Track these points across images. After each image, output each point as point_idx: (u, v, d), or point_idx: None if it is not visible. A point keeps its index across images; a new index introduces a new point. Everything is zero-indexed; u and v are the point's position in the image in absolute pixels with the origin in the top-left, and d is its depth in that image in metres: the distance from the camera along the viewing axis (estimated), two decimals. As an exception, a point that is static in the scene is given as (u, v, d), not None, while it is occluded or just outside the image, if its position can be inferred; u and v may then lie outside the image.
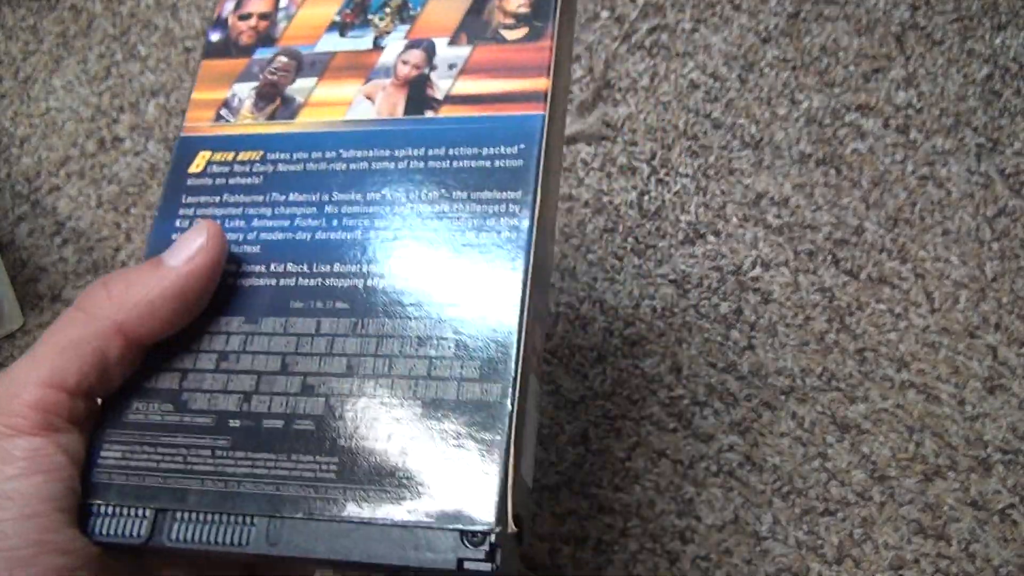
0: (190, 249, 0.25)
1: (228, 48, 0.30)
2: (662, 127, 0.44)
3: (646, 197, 0.43)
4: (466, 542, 0.22)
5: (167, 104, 0.46)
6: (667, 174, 0.43)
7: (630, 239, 0.43)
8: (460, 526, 0.22)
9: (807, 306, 0.41)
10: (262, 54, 0.30)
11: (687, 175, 0.43)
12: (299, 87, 0.29)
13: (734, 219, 0.42)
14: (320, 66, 0.29)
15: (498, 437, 0.23)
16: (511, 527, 0.22)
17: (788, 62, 0.44)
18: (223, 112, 0.29)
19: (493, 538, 0.22)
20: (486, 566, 0.22)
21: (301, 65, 0.29)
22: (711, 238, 0.42)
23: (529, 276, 0.25)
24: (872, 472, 0.38)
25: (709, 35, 0.45)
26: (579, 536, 0.38)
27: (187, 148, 0.29)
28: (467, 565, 0.22)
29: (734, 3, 0.45)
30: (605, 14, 0.46)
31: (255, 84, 0.29)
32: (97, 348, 0.24)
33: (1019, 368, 0.39)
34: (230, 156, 0.28)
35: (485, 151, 0.27)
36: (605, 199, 0.43)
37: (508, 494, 0.22)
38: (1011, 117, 0.42)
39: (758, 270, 0.41)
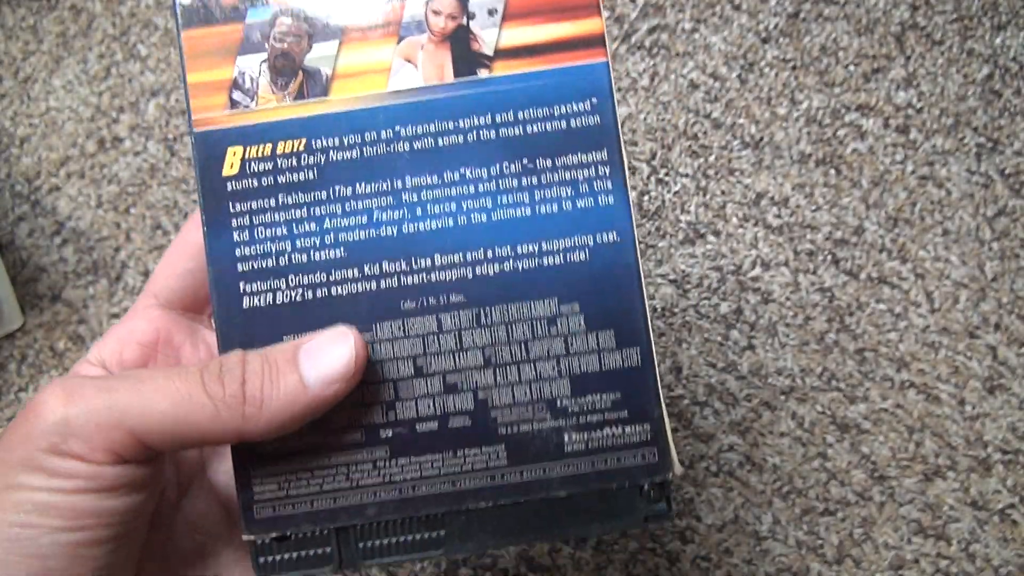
0: (331, 370, 0.23)
1: (209, 11, 0.25)
2: (662, 127, 0.44)
3: (646, 197, 0.43)
4: (647, 495, 0.24)
5: (167, 104, 0.46)
6: (667, 174, 0.43)
7: (630, 239, 0.43)
8: (640, 483, 0.24)
9: (807, 306, 0.41)
10: (255, 16, 0.25)
11: (687, 175, 0.43)
12: (319, 55, 0.25)
13: (734, 219, 0.42)
14: (336, 27, 0.25)
15: (649, 397, 0.24)
16: (678, 468, 0.24)
17: (788, 62, 0.44)
18: (236, 96, 0.25)
19: (670, 486, 0.24)
20: (664, 510, 0.24)
21: (313, 27, 0.25)
22: (711, 238, 0.42)
23: (636, 236, 0.24)
24: (872, 472, 0.38)
25: (709, 35, 0.45)
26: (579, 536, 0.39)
27: (210, 146, 0.25)
28: (649, 515, 0.24)
29: (734, 3, 0.45)
30: (605, 14, 0.46)
31: (263, 56, 0.25)
32: (208, 440, 0.23)
33: (1019, 368, 0.39)
34: (267, 149, 0.25)
35: (557, 110, 0.25)
36: (605, 199, 0.43)
37: (670, 441, 0.24)
38: (1011, 117, 0.42)
39: (758, 270, 0.41)
